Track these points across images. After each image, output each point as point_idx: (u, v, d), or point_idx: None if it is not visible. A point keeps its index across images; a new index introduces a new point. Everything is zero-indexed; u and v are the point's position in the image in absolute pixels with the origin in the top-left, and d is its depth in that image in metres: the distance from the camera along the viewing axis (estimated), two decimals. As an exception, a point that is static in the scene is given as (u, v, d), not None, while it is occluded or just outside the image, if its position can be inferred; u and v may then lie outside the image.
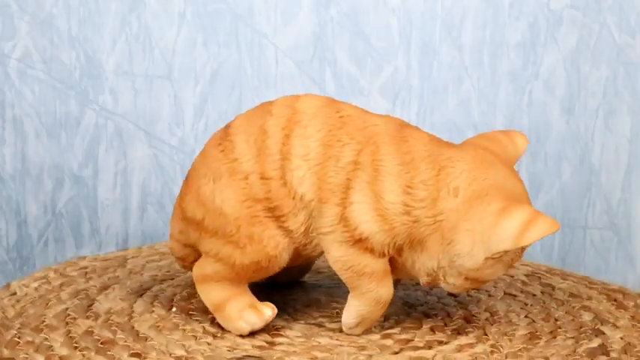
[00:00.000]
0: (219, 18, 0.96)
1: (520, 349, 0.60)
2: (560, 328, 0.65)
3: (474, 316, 0.67)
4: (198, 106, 0.97)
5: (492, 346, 0.61)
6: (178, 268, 0.76)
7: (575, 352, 0.60)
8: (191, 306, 0.68)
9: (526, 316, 0.67)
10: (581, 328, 0.65)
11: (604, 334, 0.63)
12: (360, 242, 0.59)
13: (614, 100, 1.00)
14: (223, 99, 0.97)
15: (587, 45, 0.99)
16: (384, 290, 0.61)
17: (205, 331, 0.63)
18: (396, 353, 0.59)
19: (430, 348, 0.60)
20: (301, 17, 0.97)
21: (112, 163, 0.97)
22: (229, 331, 0.63)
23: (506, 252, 0.57)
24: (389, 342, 0.61)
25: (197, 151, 0.97)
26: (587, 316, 0.67)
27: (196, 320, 0.65)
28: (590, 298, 0.72)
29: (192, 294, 0.70)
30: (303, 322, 0.65)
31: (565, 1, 0.98)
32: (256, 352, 0.59)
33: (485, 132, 0.68)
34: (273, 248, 0.61)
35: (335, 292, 0.72)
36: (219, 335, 0.62)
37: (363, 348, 0.60)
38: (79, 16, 0.95)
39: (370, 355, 0.59)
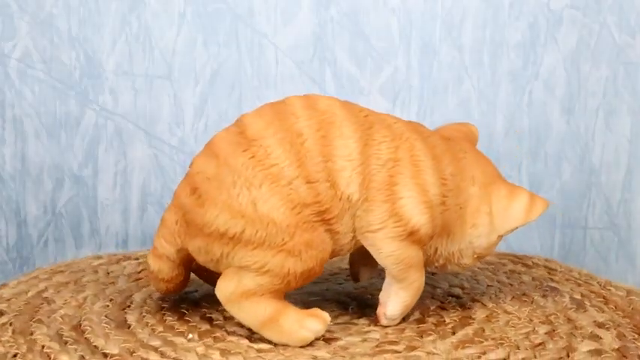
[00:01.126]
0: (219, 18, 0.96)
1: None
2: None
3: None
4: (198, 106, 0.97)
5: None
6: None
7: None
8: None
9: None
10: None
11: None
12: (411, 235, 0.61)
13: (614, 100, 1.00)
14: (223, 99, 0.97)
15: (587, 45, 0.99)
16: (423, 278, 0.64)
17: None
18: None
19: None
20: (301, 17, 0.97)
21: (112, 163, 0.97)
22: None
23: (516, 228, 0.65)
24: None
25: (197, 151, 0.97)
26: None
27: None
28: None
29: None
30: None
31: (565, 1, 0.98)
32: None
33: (444, 125, 0.72)
34: (326, 252, 0.60)
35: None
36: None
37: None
38: (79, 16, 0.95)
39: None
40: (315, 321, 0.61)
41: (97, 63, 0.96)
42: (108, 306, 0.67)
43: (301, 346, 0.59)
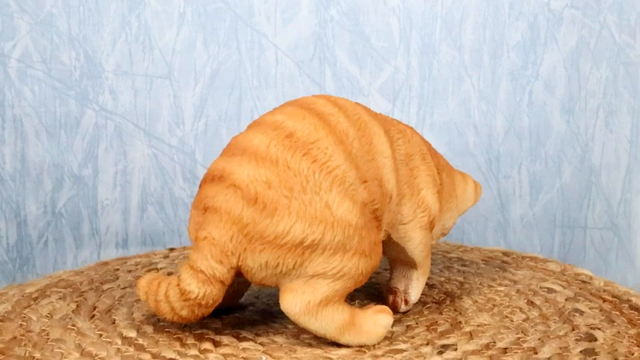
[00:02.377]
0: (219, 18, 0.96)
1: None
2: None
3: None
4: (198, 106, 0.97)
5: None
6: None
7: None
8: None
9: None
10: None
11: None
12: (431, 223, 0.66)
13: (614, 100, 1.00)
14: (223, 99, 0.97)
15: (587, 45, 0.99)
16: None
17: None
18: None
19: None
20: (301, 17, 0.97)
21: (112, 163, 0.97)
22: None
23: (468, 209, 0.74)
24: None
25: (197, 151, 0.97)
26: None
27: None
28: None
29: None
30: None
31: (565, 1, 0.98)
32: None
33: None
34: (381, 249, 0.61)
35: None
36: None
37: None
38: (79, 16, 0.95)
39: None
40: (384, 316, 0.60)
41: (96, 63, 0.95)
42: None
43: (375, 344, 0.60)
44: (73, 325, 0.62)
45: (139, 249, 0.97)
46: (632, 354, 0.58)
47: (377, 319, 0.60)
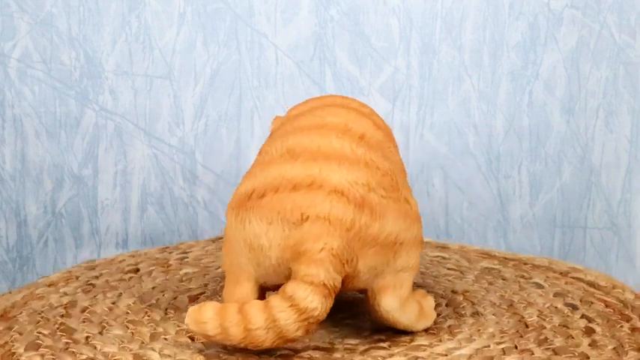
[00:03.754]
0: (219, 18, 0.96)
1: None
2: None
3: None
4: (198, 106, 0.97)
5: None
6: None
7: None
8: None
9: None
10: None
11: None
12: None
13: (614, 100, 1.00)
14: (223, 99, 0.97)
15: (587, 45, 0.99)
16: None
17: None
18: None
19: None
20: (301, 17, 0.97)
21: (111, 163, 0.97)
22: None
23: None
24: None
25: (197, 151, 0.97)
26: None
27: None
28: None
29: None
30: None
31: (565, 1, 0.98)
32: None
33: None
34: None
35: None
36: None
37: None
38: (79, 16, 0.95)
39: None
40: (430, 298, 0.64)
41: (96, 63, 0.95)
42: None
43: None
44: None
45: (140, 249, 0.97)
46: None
47: (428, 302, 0.63)
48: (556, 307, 0.68)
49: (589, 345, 0.61)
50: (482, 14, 0.98)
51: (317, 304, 0.53)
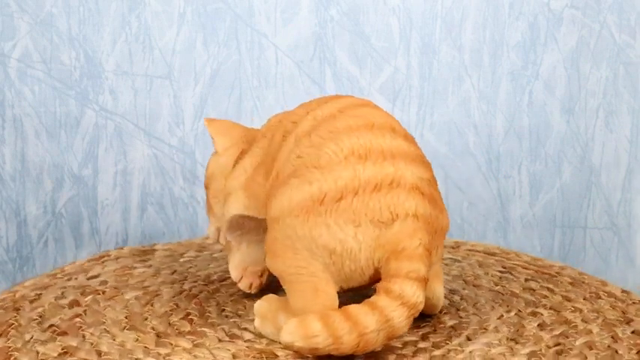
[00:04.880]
0: (219, 18, 0.96)
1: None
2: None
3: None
4: (198, 106, 0.97)
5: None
6: None
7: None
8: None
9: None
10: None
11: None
12: None
13: (614, 100, 1.00)
14: (223, 99, 0.97)
15: (587, 45, 0.99)
16: None
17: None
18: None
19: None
20: (301, 17, 0.97)
21: (111, 163, 0.97)
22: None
23: None
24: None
25: (197, 151, 0.97)
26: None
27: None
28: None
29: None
30: None
31: (565, 1, 0.98)
32: None
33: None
34: None
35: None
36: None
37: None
38: (79, 16, 0.95)
39: None
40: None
41: (96, 63, 0.95)
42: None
43: None
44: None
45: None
46: None
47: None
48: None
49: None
50: (482, 14, 0.98)
51: (422, 298, 0.54)
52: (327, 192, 0.55)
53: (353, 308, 0.54)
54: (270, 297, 0.61)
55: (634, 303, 0.70)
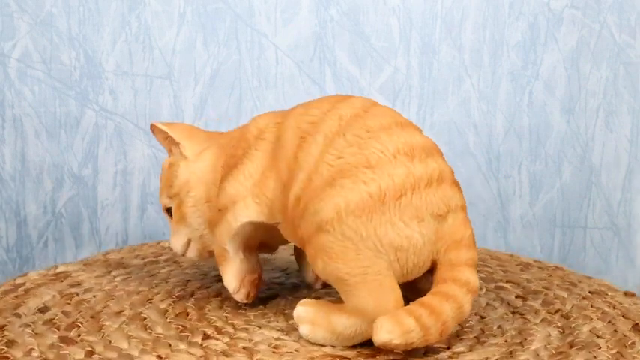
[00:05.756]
0: (219, 18, 0.96)
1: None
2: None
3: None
4: (198, 106, 0.97)
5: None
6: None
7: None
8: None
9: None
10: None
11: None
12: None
13: (614, 100, 1.00)
14: (223, 99, 0.97)
15: (587, 45, 0.99)
16: None
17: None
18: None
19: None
20: (301, 17, 0.97)
21: (111, 163, 0.97)
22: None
23: None
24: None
25: (197, 151, 0.97)
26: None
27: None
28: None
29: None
30: None
31: (565, 1, 0.98)
32: None
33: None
34: None
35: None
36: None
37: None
38: (79, 16, 0.95)
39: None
40: None
41: (96, 63, 0.95)
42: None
43: None
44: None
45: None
46: None
47: None
48: None
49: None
50: (482, 14, 0.98)
51: (479, 282, 0.59)
52: (386, 190, 0.56)
53: (429, 300, 0.56)
54: (312, 302, 0.61)
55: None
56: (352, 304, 0.58)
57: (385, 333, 0.54)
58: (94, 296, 0.69)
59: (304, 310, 0.60)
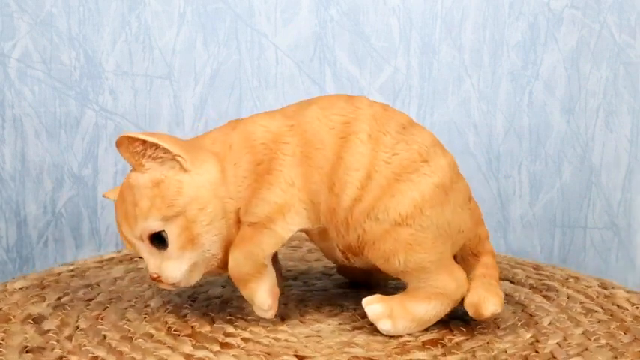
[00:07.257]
0: (219, 18, 0.96)
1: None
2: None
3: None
4: (198, 106, 0.97)
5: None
6: None
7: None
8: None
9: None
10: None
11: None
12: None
13: (614, 100, 1.00)
14: (223, 99, 0.97)
15: (587, 45, 0.99)
16: None
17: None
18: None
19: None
20: (301, 17, 0.97)
21: (111, 163, 0.97)
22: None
23: None
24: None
25: (197, 151, 0.97)
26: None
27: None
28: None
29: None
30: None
31: (565, 1, 0.98)
32: None
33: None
34: None
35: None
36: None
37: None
38: (79, 16, 0.95)
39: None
40: None
41: (96, 63, 0.95)
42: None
43: None
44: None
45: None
46: None
47: None
48: None
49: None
50: (482, 14, 0.98)
51: None
52: (444, 181, 0.61)
53: (485, 270, 0.65)
54: (376, 297, 0.62)
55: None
56: (432, 288, 0.61)
57: (492, 306, 0.61)
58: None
59: (377, 307, 0.62)
